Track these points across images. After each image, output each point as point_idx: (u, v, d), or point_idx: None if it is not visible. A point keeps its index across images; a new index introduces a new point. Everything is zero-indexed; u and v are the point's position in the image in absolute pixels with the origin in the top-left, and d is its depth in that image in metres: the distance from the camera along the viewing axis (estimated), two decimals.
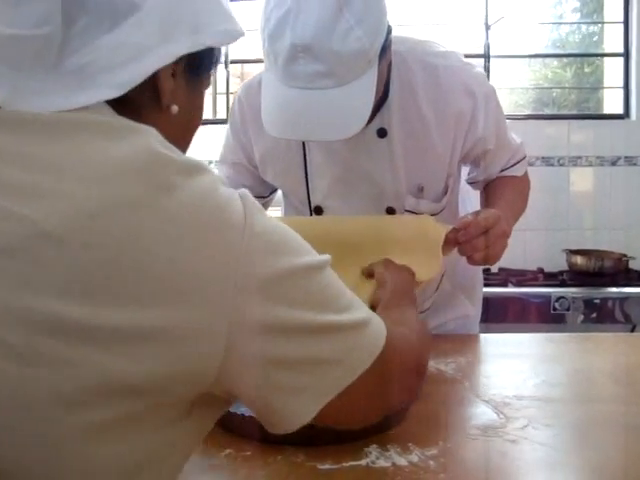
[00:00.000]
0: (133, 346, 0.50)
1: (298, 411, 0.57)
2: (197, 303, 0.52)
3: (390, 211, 1.22)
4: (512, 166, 1.30)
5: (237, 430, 0.82)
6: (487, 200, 1.27)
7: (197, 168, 0.55)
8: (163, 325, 0.51)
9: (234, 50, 2.96)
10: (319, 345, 0.57)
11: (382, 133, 1.17)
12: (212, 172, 0.56)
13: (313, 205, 1.25)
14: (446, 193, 1.24)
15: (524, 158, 1.32)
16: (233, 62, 2.97)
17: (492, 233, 1.05)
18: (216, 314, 0.52)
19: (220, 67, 2.96)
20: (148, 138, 0.54)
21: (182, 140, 0.67)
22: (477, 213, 1.10)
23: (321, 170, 1.22)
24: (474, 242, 1.05)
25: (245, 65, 3.11)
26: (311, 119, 0.98)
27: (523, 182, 1.33)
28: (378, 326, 0.63)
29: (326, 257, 0.61)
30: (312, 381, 0.57)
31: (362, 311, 0.62)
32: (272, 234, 0.56)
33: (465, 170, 1.34)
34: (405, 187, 1.20)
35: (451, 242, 1.07)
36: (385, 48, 1.02)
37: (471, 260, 1.07)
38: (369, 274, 1.04)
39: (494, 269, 2.73)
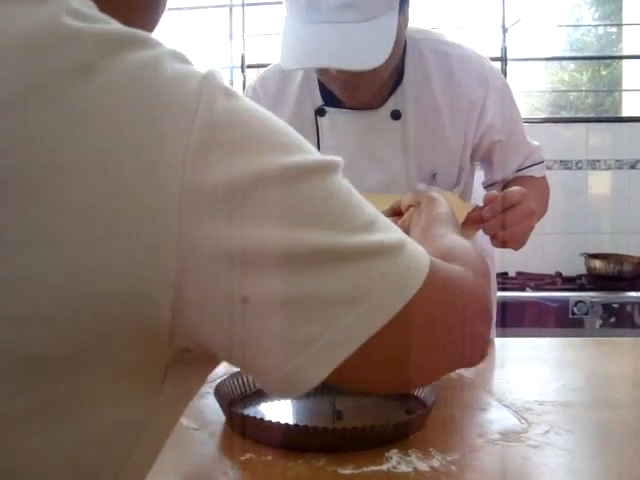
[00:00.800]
0: (33, 306, 0.37)
1: (303, 370, 0.41)
2: (123, 229, 0.37)
3: None
4: (529, 167, 1.29)
5: (256, 436, 0.82)
6: None
7: (132, 41, 0.40)
8: (69, 271, 0.37)
9: (250, 55, 2.96)
10: (320, 277, 0.40)
11: (396, 115, 1.18)
12: (162, 47, 0.41)
13: None
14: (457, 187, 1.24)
15: (542, 162, 1.31)
16: (250, 67, 2.98)
17: (519, 210, 0.99)
18: (154, 242, 0.38)
19: (236, 72, 2.97)
20: (55, 8, 0.39)
21: (148, 7, 0.53)
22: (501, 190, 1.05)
23: (334, 156, 1.22)
24: (500, 218, 0.99)
25: (261, 70, 3.11)
26: (332, 49, 0.99)
27: (542, 184, 1.32)
28: (416, 254, 0.45)
29: (333, 159, 0.45)
30: (318, 329, 0.40)
31: (391, 233, 0.45)
32: (242, 124, 0.40)
33: (480, 176, 1.33)
34: (416, 173, 1.20)
35: (475, 221, 1.01)
36: (404, 3, 1.04)
37: (496, 239, 1.02)
38: (394, 212, 0.96)
39: (512, 273, 2.72)
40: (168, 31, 3.02)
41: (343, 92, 1.12)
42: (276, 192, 0.40)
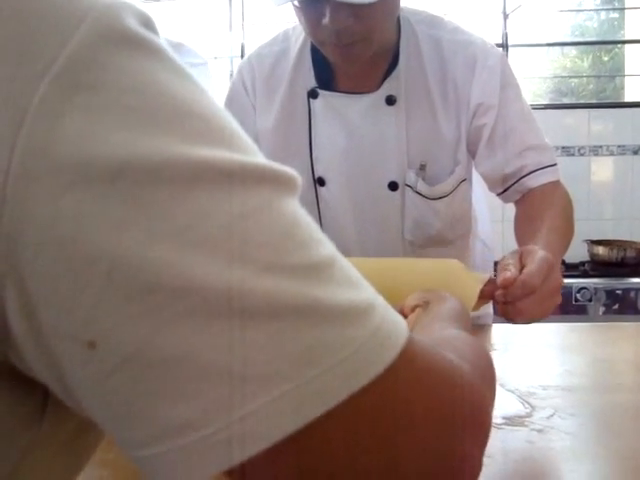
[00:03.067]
0: None
1: (171, 463, 0.28)
2: None
3: (393, 186, 1.19)
4: (539, 169, 1.18)
5: None
6: (523, 227, 1.14)
7: None
8: None
9: (251, 44, 2.95)
10: (204, 334, 0.27)
11: (391, 100, 1.16)
12: None
13: (316, 176, 1.23)
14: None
15: (554, 164, 1.19)
16: None
17: (543, 291, 0.82)
18: None
19: (237, 61, 2.96)
20: None
21: None
22: (520, 257, 0.87)
23: (326, 140, 1.21)
24: (519, 305, 0.83)
25: None
26: None
27: (562, 199, 1.17)
28: (386, 331, 0.31)
29: (284, 171, 0.31)
30: (203, 413, 0.27)
31: (351, 292, 0.31)
32: (137, 92, 0.28)
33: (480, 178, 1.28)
34: (408, 160, 1.18)
35: (486, 296, 0.85)
36: None
37: (511, 321, 0.87)
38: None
39: None
40: (168, 21, 3.01)
41: (337, 50, 1.07)
42: (155, 191, 0.27)
